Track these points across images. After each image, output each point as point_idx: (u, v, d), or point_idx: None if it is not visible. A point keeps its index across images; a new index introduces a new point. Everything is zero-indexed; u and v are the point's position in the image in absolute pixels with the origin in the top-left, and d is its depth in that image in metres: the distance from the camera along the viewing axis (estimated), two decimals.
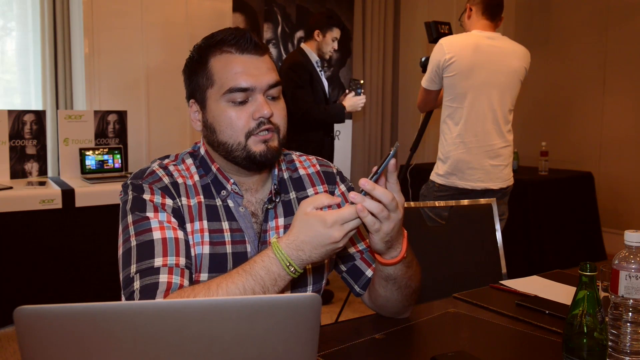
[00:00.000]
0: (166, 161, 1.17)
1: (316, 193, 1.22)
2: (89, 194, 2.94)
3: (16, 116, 3.17)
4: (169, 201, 1.09)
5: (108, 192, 2.97)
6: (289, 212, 1.18)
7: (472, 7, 2.53)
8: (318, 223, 0.92)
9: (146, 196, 1.08)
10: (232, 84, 1.08)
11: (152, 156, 3.70)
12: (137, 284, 1.00)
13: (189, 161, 1.18)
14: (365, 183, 0.92)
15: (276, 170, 1.19)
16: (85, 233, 2.93)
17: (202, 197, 1.13)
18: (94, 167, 3.30)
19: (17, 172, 3.19)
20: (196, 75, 1.13)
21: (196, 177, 1.15)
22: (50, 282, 2.85)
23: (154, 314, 0.59)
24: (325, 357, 1.01)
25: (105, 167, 3.34)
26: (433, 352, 1.02)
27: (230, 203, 1.14)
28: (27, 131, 3.20)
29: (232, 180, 1.14)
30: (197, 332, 0.59)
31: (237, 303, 0.62)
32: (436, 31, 2.85)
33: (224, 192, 1.14)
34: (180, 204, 1.10)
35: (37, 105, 3.72)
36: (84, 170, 3.26)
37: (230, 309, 0.61)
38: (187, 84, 1.17)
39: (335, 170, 1.27)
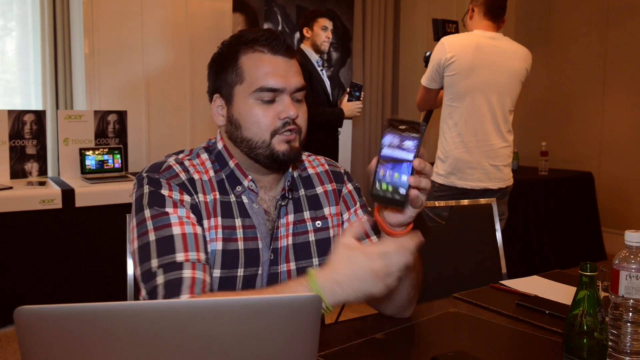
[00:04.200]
0: (181, 156, 1.19)
1: (325, 191, 1.26)
2: (89, 194, 2.94)
3: (16, 116, 3.17)
4: (187, 197, 1.10)
5: (108, 192, 2.96)
6: (299, 209, 1.22)
7: (474, 7, 2.54)
8: (359, 255, 0.89)
9: (164, 192, 1.09)
10: (262, 83, 1.11)
11: (152, 156, 3.70)
12: (160, 279, 1.00)
13: (204, 156, 1.20)
14: (419, 162, 0.90)
15: (290, 168, 1.22)
16: (85, 233, 2.92)
17: (217, 192, 1.15)
18: (94, 167, 3.30)
19: (17, 172, 3.19)
20: (225, 70, 1.16)
21: (211, 173, 1.17)
22: (50, 282, 2.85)
23: (154, 314, 0.59)
24: (325, 357, 1.01)
25: (105, 167, 3.33)
26: (433, 352, 1.02)
27: (245, 199, 1.16)
28: (27, 131, 3.20)
29: (250, 177, 1.17)
30: (197, 332, 0.59)
31: (237, 303, 0.61)
32: (442, 29, 2.85)
33: (239, 188, 1.16)
34: (197, 201, 1.12)
35: (37, 105, 3.72)
36: (84, 170, 3.26)
37: (230, 309, 0.61)
38: (212, 79, 1.19)
39: (342, 171, 1.32)
